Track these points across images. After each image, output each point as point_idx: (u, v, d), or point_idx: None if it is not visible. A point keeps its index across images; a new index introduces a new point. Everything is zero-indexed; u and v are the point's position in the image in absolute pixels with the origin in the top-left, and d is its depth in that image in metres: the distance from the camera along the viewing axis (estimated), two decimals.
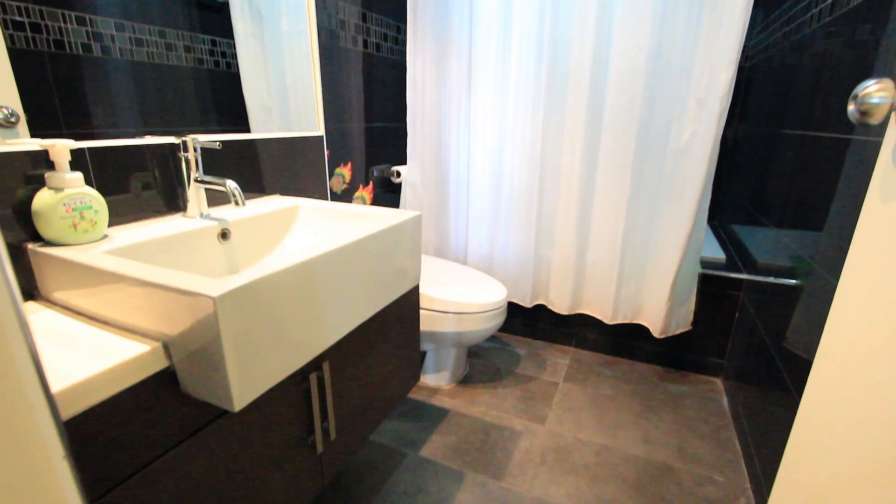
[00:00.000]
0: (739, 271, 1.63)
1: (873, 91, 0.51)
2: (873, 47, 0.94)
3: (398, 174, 1.87)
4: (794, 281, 1.18)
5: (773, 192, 1.47)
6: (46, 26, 0.73)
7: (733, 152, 2.18)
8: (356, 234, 0.79)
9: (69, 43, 0.76)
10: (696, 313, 1.68)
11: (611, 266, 1.67)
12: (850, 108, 0.54)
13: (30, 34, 0.71)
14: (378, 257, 0.85)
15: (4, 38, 0.68)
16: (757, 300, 1.44)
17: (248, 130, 1.10)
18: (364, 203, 1.75)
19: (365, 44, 1.59)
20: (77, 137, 0.77)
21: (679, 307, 1.64)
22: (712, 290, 1.66)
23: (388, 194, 1.91)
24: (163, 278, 0.56)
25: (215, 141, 0.87)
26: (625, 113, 1.49)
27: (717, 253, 1.83)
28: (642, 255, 1.64)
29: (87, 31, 0.78)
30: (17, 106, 0.69)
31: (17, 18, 0.69)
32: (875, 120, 0.52)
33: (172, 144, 0.89)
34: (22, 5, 0.69)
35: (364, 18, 1.56)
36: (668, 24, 1.37)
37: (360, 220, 0.99)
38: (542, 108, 1.58)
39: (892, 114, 0.54)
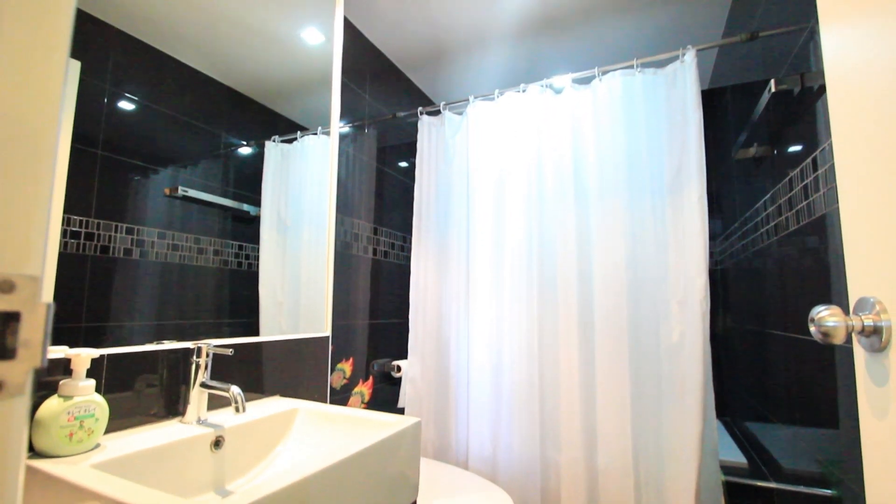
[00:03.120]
0: (766, 479, 1.49)
1: (826, 316, 0.58)
2: (824, 253, 1.06)
3: (398, 369, 1.88)
4: (828, 491, 1.08)
5: (776, 388, 1.46)
6: (99, 235, 0.84)
7: (728, 347, 2.23)
8: (353, 447, 0.76)
9: (113, 248, 0.86)
10: None
11: (624, 472, 1.53)
12: (812, 329, 0.60)
13: (82, 241, 0.81)
14: (375, 471, 0.81)
15: (59, 245, 0.78)
16: None
17: (258, 321, 1.17)
18: (363, 398, 1.71)
19: (374, 252, 1.80)
20: (95, 332, 0.82)
21: None
22: (742, 502, 1.49)
23: (389, 387, 1.88)
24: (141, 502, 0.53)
25: (228, 347, 0.92)
26: (613, 313, 1.58)
27: (736, 456, 1.71)
28: (656, 459, 1.52)
29: (132, 239, 0.89)
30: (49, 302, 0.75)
31: (76, 229, 0.80)
32: (837, 340, 0.57)
33: (186, 349, 0.94)
34: (83, 219, 0.81)
35: (375, 232, 1.81)
36: (638, 239, 1.58)
37: (357, 427, 0.97)
38: (535, 307, 1.69)
39: (854, 335, 0.60)
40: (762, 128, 1.49)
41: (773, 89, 1.12)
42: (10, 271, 0.23)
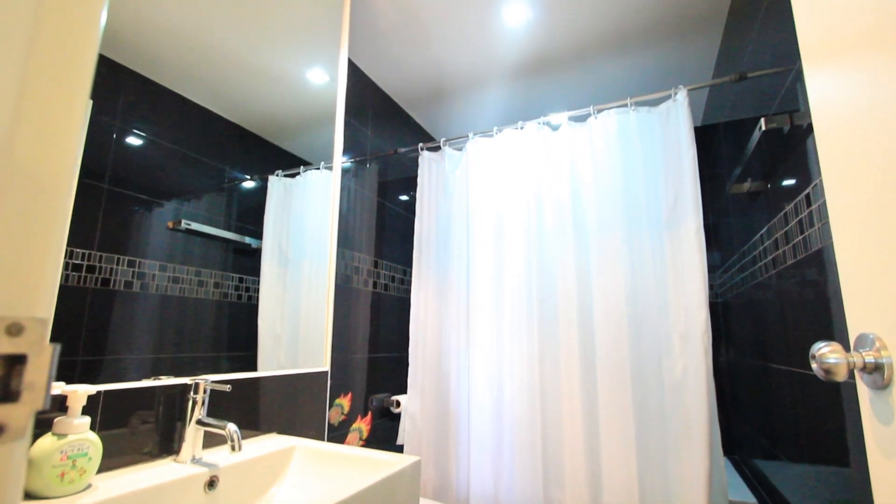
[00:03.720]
0: None
1: (827, 353, 0.58)
2: (824, 286, 1.06)
3: (397, 404, 1.84)
4: None
5: (784, 425, 1.43)
6: (100, 268, 0.84)
7: (733, 382, 2.20)
8: (350, 488, 0.74)
9: (114, 281, 0.86)
10: None
11: None
12: (814, 366, 0.59)
13: (84, 274, 0.80)
14: None
15: (61, 278, 0.77)
16: None
17: (256, 355, 1.15)
18: (361, 435, 1.68)
19: (374, 285, 1.80)
20: (92, 365, 0.81)
21: None
22: None
23: (387, 423, 1.84)
24: None
25: (226, 383, 0.91)
26: (615, 347, 1.57)
27: (746, 496, 1.65)
28: (663, 499, 1.47)
29: (133, 272, 0.89)
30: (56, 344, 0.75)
31: (78, 262, 0.80)
32: (840, 378, 0.57)
33: (184, 385, 0.92)
34: (86, 252, 0.81)
35: (376, 265, 1.82)
36: (637, 272, 1.58)
37: (355, 466, 0.95)
38: (536, 339, 1.68)
39: (856, 371, 0.60)
40: (755, 164, 1.52)
41: (763, 128, 1.15)
42: (20, 314, 0.24)
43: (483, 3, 1.63)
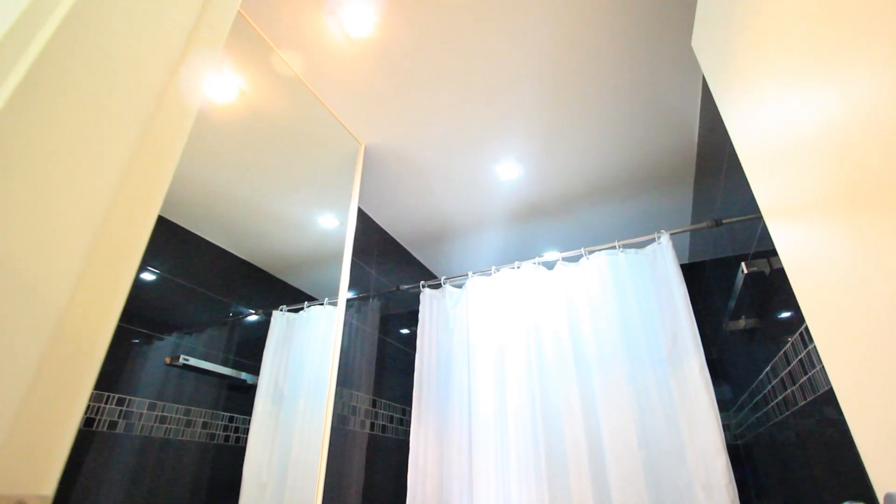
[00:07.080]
0: None
1: None
2: (844, 425, 0.99)
3: None
4: None
5: None
6: (88, 407, 0.80)
7: None
8: None
9: (99, 421, 0.81)
10: None
11: None
12: None
13: None
14: None
15: None
16: None
17: None
18: None
19: (372, 426, 1.71)
20: None
21: None
22: None
23: None
24: None
25: None
26: (634, 500, 1.43)
27: None
28: None
29: (120, 411, 0.85)
30: None
31: None
32: None
33: None
34: None
35: (374, 404, 1.74)
36: (647, 414, 1.51)
37: None
38: (546, 491, 1.53)
39: None
40: (746, 302, 1.56)
41: (745, 271, 1.22)
42: (27, 492, 0.24)
43: (478, 162, 1.86)
